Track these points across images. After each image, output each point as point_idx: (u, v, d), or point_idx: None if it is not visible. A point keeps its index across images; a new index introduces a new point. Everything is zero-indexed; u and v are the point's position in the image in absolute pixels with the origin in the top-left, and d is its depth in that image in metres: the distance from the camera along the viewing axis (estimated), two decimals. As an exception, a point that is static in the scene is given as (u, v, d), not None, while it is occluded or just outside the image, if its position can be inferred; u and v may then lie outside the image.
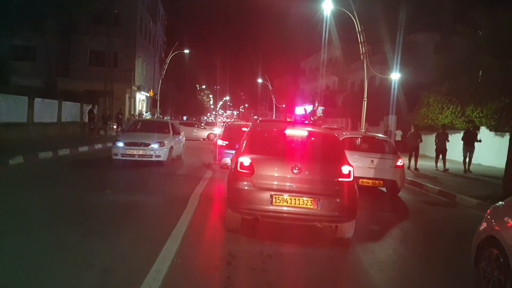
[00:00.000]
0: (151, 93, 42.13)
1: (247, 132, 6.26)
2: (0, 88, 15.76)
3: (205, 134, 29.53)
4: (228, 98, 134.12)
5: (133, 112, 36.12)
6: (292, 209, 5.10)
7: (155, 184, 9.59)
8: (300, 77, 62.38)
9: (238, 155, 5.55)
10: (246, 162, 5.27)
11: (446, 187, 10.94)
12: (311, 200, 5.09)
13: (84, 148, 15.54)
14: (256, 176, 5.21)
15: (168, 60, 35.83)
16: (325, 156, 5.52)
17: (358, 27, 19.21)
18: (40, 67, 28.55)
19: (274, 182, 5.21)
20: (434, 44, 34.82)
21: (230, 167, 6.08)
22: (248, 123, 10.50)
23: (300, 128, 5.90)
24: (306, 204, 5.09)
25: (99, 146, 17.17)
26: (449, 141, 15.33)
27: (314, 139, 5.83)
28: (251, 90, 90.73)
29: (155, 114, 38.61)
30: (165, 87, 51.12)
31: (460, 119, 19.94)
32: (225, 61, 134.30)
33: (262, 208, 5.13)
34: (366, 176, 9.15)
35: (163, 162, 11.97)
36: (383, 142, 10.38)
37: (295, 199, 5.10)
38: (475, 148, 15.05)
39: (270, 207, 5.10)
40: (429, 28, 33.72)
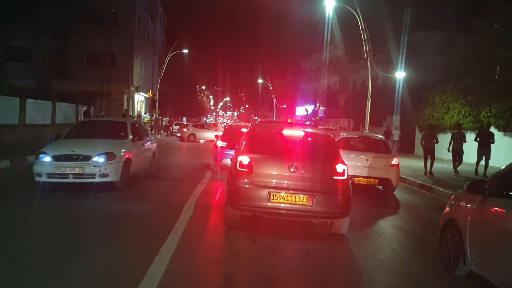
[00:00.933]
0: (150, 94, 41.56)
1: (246, 132, 6.49)
2: (-9, 89, 15.21)
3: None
4: (228, 99, 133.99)
5: (131, 113, 35.49)
6: (289, 205, 5.35)
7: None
8: (301, 77, 61.90)
9: (237, 154, 5.82)
10: (245, 161, 5.51)
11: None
12: (307, 197, 5.33)
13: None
14: (254, 174, 5.45)
15: (167, 60, 35.28)
16: (320, 155, 5.85)
17: (362, 25, 18.60)
18: (36, 68, 27.98)
19: (272, 180, 5.45)
20: (437, 43, 34.32)
21: (230, 166, 6.37)
22: (248, 124, 10.52)
23: (297, 128, 6.24)
24: (302, 201, 5.33)
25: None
26: (466, 141, 14.04)
27: (310, 139, 6.10)
28: (252, 90, 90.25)
29: (154, 115, 38.04)
30: (164, 88, 50.55)
31: (466, 119, 19.31)
32: (225, 62, 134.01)
33: (260, 204, 5.37)
34: (361, 175, 9.47)
35: (114, 184, 8.01)
36: (379, 142, 10.62)
37: (292, 196, 5.35)
38: (491, 150, 13.67)
39: (268, 204, 5.35)
40: (431, 27, 33.16)
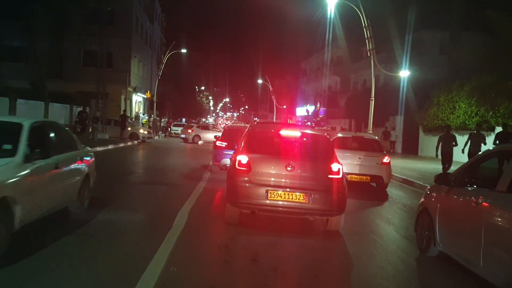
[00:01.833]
0: (148, 94, 40.92)
1: (245, 132, 6.59)
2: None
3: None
4: (228, 99, 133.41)
5: (128, 114, 34.84)
6: (286, 203, 5.53)
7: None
8: (301, 77, 61.33)
9: (236, 154, 5.97)
10: (244, 160, 5.67)
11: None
12: (303, 195, 5.51)
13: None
14: (253, 173, 5.62)
15: (164, 60, 34.68)
16: (316, 154, 6.06)
17: (365, 22, 18.01)
18: (31, 68, 27.37)
19: (270, 179, 5.64)
20: (439, 43, 33.75)
21: (229, 165, 6.52)
22: (247, 125, 10.39)
23: (294, 129, 6.50)
24: (299, 199, 5.52)
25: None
26: (486, 144, 12.78)
27: (307, 139, 6.30)
28: (251, 91, 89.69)
29: (152, 116, 37.41)
30: (163, 88, 50.01)
31: (473, 119, 18.69)
32: (224, 62, 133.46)
33: (259, 202, 5.55)
34: (354, 172, 9.94)
35: None
36: (371, 142, 11.28)
37: (289, 194, 5.52)
38: None
39: (266, 201, 5.53)
40: (434, 26, 32.58)
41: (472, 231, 4.24)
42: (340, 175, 5.72)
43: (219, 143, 11.39)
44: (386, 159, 10.35)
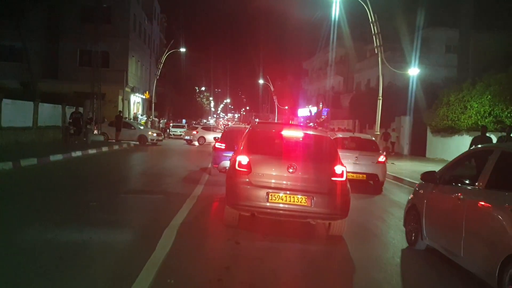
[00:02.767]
0: (147, 95, 39.98)
1: (245, 133, 6.39)
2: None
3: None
4: (229, 100, 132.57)
5: (126, 115, 33.91)
6: (287, 206, 5.32)
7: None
8: (303, 78, 60.41)
9: (236, 154, 5.78)
10: (244, 161, 5.48)
11: None
12: (305, 198, 5.31)
13: (57, 157, 13.34)
14: (253, 174, 5.43)
15: (163, 59, 33.74)
16: (319, 156, 5.86)
17: (372, 17, 17.05)
18: (25, 68, 26.48)
19: (271, 180, 5.43)
20: (445, 42, 32.83)
21: (229, 166, 6.29)
22: (247, 126, 9.81)
23: (296, 129, 6.28)
24: (301, 202, 5.31)
25: (77, 153, 15.00)
26: None
27: (309, 140, 6.06)
28: (253, 92, 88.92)
29: (151, 117, 36.46)
30: (162, 89, 49.10)
31: (486, 120, 17.69)
32: (225, 63, 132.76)
33: (259, 204, 5.33)
34: (351, 171, 9.90)
35: None
36: (368, 142, 11.85)
37: (290, 196, 5.32)
38: None
39: (267, 204, 5.31)
40: (440, 24, 31.65)
41: (454, 224, 4.51)
42: (344, 178, 5.54)
43: (218, 145, 11.01)
44: (381, 158, 10.84)
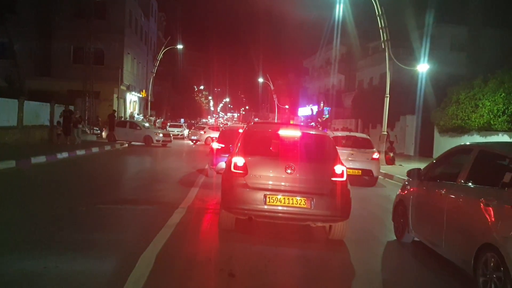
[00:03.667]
0: (144, 93, 38.93)
1: (241, 133, 6.23)
2: None
3: None
4: (228, 100, 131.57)
5: (122, 115, 32.88)
6: (286, 208, 5.14)
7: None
8: (303, 76, 59.44)
9: (232, 156, 5.59)
10: (240, 163, 5.30)
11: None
12: (305, 200, 5.15)
13: (39, 159, 12.30)
14: (250, 176, 5.25)
15: (159, 56, 32.69)
16: (318, 156, 5.68)
17: (379, 10, 16.03)
18: (13, 65, 25.54)
19: (268, 182, 5.24)
20: (450, 38, 31.87)
21: (225, 168, 6.02)
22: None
23: (293, 128, 6.04)
24: (300, 204, 5.14)
25: (63, 155, 13.96)
26: None
27: (307, 139, 5.85)
28: (252, 91, 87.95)
29: (147, 116, 35.42)
30: (160, 88, 48.12)
31: (499, 119, 16.67)
32: (225, 62, 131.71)
33: (256, 208, 5.15)
34: (348, 167, 10.86)
35: None
36: (363, 140, 12.55)
37: (289, 198, 5.14)
38: None
39: (264, 207, 5.13)
40: (445, 20, 30.66)
41: (437, 218, 4.80)
42: (344, 178, 5.36)
43: (216, 145, 10.52)
44: (375, 155, 11.73)
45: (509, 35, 25.81)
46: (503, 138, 16.88)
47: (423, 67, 17.45)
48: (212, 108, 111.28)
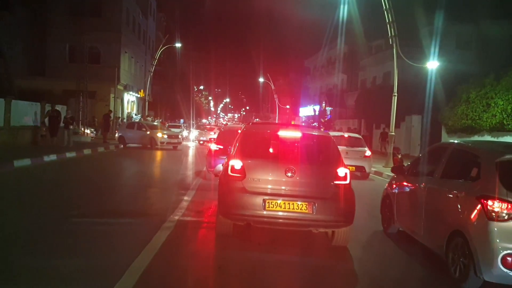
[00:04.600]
0: (142, 93, 38.08)
1: (239, 134, 5.97)
2: None
3: None
4: (228, 100, 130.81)
5: (119, 115, 32.03)
6: (286, 214, 4.91)
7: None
8: (304, 76, 58.65)
9: (229, 158, 5.36)
10: (237, 166, 5.06)
11: None
12: (306, 204, 4.91)
13: (24, 162, 11.45)
14: (248, 180, 5.01)
15: (157, 55, 31.86)
16: (320, 158, 5.52)
17: (386, 4, 15.16)
18: (9, 65, 24.73)
19: (267, 186, 5.02)
20: (456, 36, 31.05)
21: (222, 171, 5.76)
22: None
23: (294, 129, 5.81)
24: (301, 209, 4.91)
25: (51, 157, 13.11)
26: None
27: (308, 140, 5.64)
28: (253, 92, 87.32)
29: (145, 116, 34.56)
30: (159, 88, 47.25)
31: (513, 118, 15.81)
32: (225, 63, 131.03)
33: (255, 213, 4.91)
34: None
35: None
36: (356, 139, 14.06)
37: (289, 203, 4.91)
38: None
39: (263, 212, 4.89)
40: (450, 18, 29.85)
41: (417, 209, 5.37)
42: (348, 181, 5.14)
43: (214, 147, 10.11)
44: (367, 153, 13.24)
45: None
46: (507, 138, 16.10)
47: (432, 64, 16.54)
48: (212, 109, 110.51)
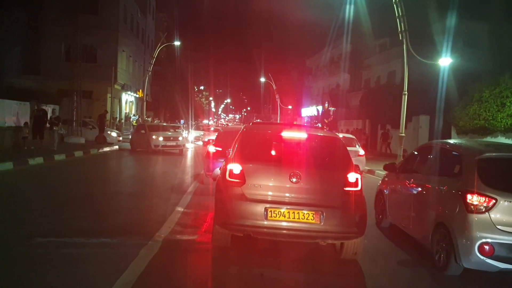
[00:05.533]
0: (140, 93, 37.24)
1: (238, 135, 5.35)
2: None
3: None
4: (229, 101, 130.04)
5: (116, 115, 31.18)
6: (291, 224, 4.49)
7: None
8: (306, 76, 57.79)
9: (227, 162, 4.94)
10: (236, 170, 4.67)
11: None
12: (313, 214, 4.51)
13: (5, 166, 10.57)
14: (247, 186, 4.62)
15: (155, 54, 30.96)
16: (328, 162, 5.08)
17: (395, -4, 14.23)
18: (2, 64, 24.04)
19: (269, 193, 4.62)
20: (463, 34, 30.15)
21: (219, 176, 5.20)
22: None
23: (298, 130, 5.36)
24: (307, 218, 4.49)
25: (37, 161, 12.22)
26: None
27: (315, 142, 5.23)
28: (254, 92, 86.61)
29: (145, 117, 33.71)
30: (159, 88, 46.41)
31: (530, 119, 14.87)
32: (226, 63, 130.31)
33: (255, 223, 4.49)
34: None
35: None
36: (350, 139, 14.63)
37: (294, 212, 4.50)
38: None
39: (265, 223, 4.48)
40: (458, 15, 28.97)
41: (406, 204, 5.85)
42: (359, 187, 4.73)
43: (212, 149, 9.53)
44: (361, 152, 14.23)
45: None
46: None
47: (445, 61, 15.60)
48: (213, 109, 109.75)
